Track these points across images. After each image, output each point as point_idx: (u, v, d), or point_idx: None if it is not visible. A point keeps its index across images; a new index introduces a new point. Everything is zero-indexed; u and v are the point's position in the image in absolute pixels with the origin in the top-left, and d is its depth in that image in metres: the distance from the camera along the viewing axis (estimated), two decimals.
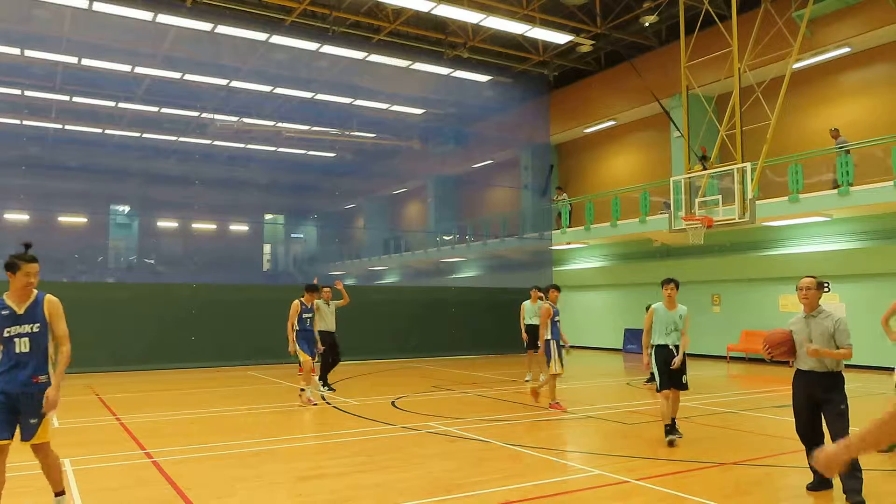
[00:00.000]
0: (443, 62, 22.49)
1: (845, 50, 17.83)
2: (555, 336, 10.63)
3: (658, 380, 8.05)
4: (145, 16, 17.89)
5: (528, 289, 14.89)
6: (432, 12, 18.40)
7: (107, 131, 25.55)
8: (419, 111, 26.41)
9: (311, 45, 20.85)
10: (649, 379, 13.02)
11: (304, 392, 11.16)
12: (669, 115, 18.97)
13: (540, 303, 14.66)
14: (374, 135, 28.58)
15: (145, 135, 25.84)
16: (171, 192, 25.71)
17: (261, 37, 20.02)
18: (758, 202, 15.62)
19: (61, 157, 24.34)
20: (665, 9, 19.53)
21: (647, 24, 20.34)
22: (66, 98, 23.52)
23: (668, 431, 7.96)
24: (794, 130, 18.90)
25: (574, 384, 14.51)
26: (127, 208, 30.24)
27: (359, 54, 21.69)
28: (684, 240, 17.18)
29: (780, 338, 6.00)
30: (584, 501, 5.85)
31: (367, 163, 30.86)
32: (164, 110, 24.97)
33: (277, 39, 20.06)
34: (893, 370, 9.78)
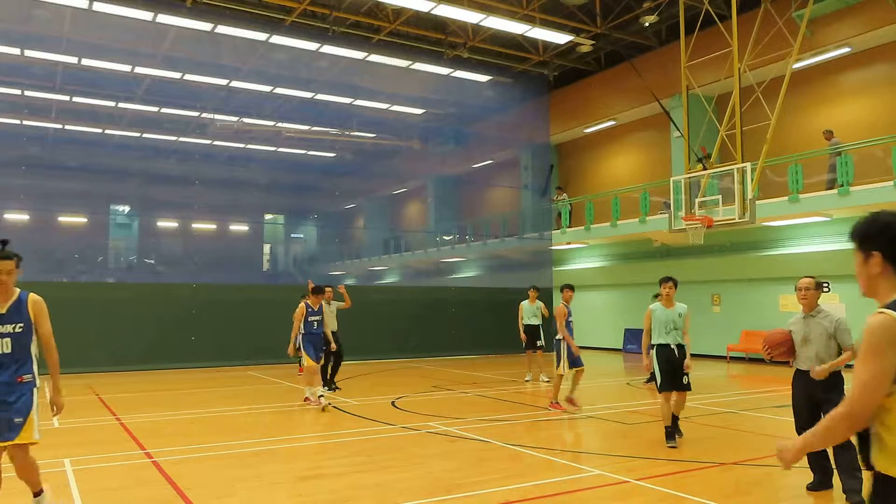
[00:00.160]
0: (443, 62, 22.48)
1: (845, 50, 17.82)
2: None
3: (658, 380, 8.00)
4: (145, 16, 17.89)
5: (527, 289, 14.90)
6: (432, 12, 18.39)
7: (107, 131, 25.55)
8: (419, 111, 26.40)
9: (311, 45, 20.84)
10: (649, 379, 12.98)
11: (312, 399, 10.94)
12: (669, 115, 18.97)
13: (538, 303, 14.70)
14: (374, 135, 28.57)
15: (145, 135, 25.83)
16: (171, 192, 25.69)
17: (261, 37, 20.01)
18: (758, 202, 15.62)
19: (61, 157, 24.33)
20: (665, 9, 19.51)
21: (647, 24, 20.32)
22: (66, 98, 23.51)
23: (669, 436, 7.91)
24: (794, 130, 18.89)
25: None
26: (127, 208, 30.24)
27: (359, 54, 21.68)
28: (684, 240, 17.18)
29: (780, 338, 6.01)
30: (584, 501, 5.85)
31: (367, 163, 30.85)
32: (164, 110, 24.96)
33: (277, 39, 20.05)
34: None
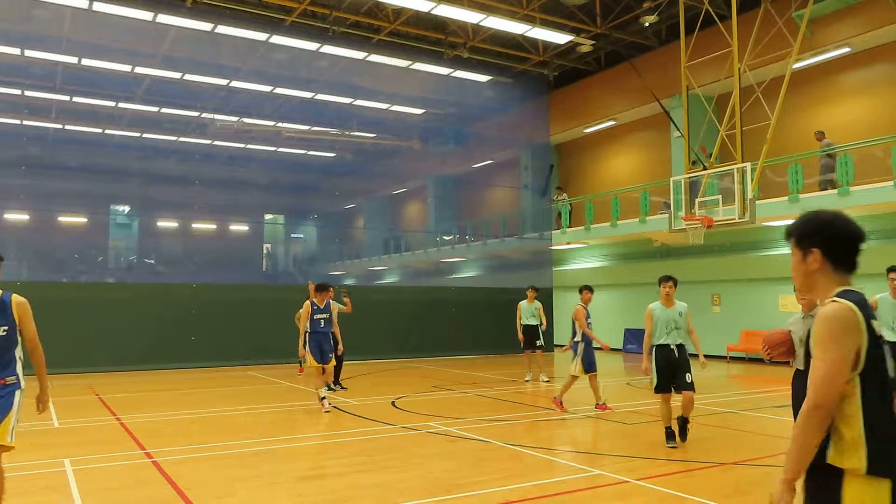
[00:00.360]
0: (443, 62, 22.47)
1: (845, 50, 17.81)
2: (584, 338, 10.55)
3: (655, 381, 7.93)
4: (145, 16, 17.89)
5: (526, 289, 14.89)
6: (432, 12, 18.39)
7: (107, 131, 25.54)
8: (419, 111, 26.39)
9: (311, 45, 20.84)
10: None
11: (324, 400, 10.56)
12: (669, 115, 18.97)
13: (537, 303, 14.69)
14: (374, 135, 28.56)
15: (145, 135, 25.82)
16: (171, 192, 25.69)
17: (261, 37, 20.01)
18: (758, 202, 15.62)
19: (61, 157, 24.32)
20: (665, 9, 19.51)
21: (647, 24, 20.32)
22: (66, 98, 23.50)
23: (669, 436, 7.89)
24: (794, 130, 18.88)
25: (574, 384, 14.50)
26: (127, 208, 30.24)
27: (359, 54, 21.67)
28: (684, 240, 17.17)
29: (779, 338, 6.00)
30: (584, 501, 5.85)
31: (367, 163, 30.85)
32: (164, 110, 24.96)
33: (277, 39, 20.05)
34: None
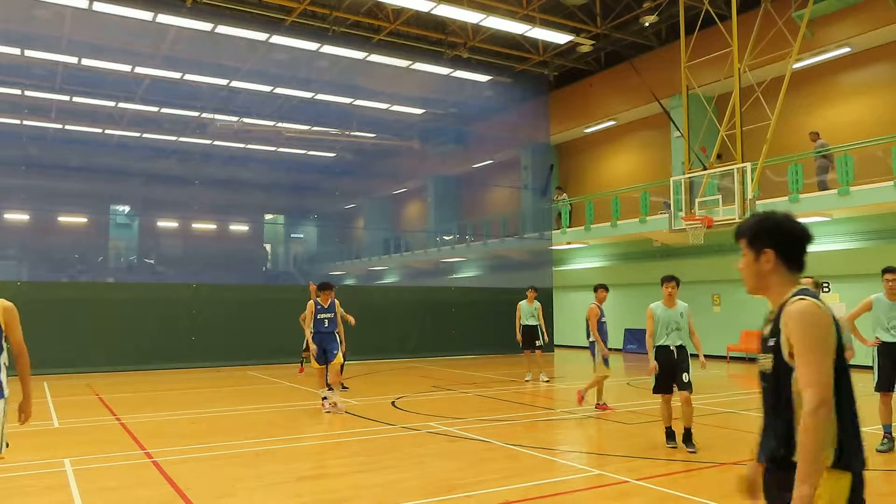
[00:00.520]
0: (443, 62, 22.47)
1: (845, 50, 17.81)
2: (602, 337, 10.58)
3: (655, 381, 7.93)
4: (145, 16, 17.88)
5: (526, 289, 14.88)
6: (432, 12, 18.39)
7: (107, 131, 25.55)
8: (419, 111, 26.39)
9: (311, 45, 20.83)
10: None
11: (327, 399, 10.51)
12: (669, 115, 18.97)
13: (536, 303, 14.68)
14: (374, 135, 28.56)
15: (145, 135, 25.83)
16: (171, 192, 25.70)
17: (261, 37, 20.00)
18: (758, 202, 15.61)
19: (61, 157, 24.31)
20: (665, 9, 19.51)
21: (647, 24, 20.32)
22: (66, 98, 23.51)
23: (669, 436, 7.89)
24: (794, 130, 18.88)
25: (574, 384, 14.50)
26: (127, 208, 30.26)
27: (359, 54, 21.66)
28: (684, 240, 17.17)
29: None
30: (584, 501, 5.85)
31: (367, 163, 30.85)
32: (164, 110, 24.96)
33: (277, 39, 20.04)
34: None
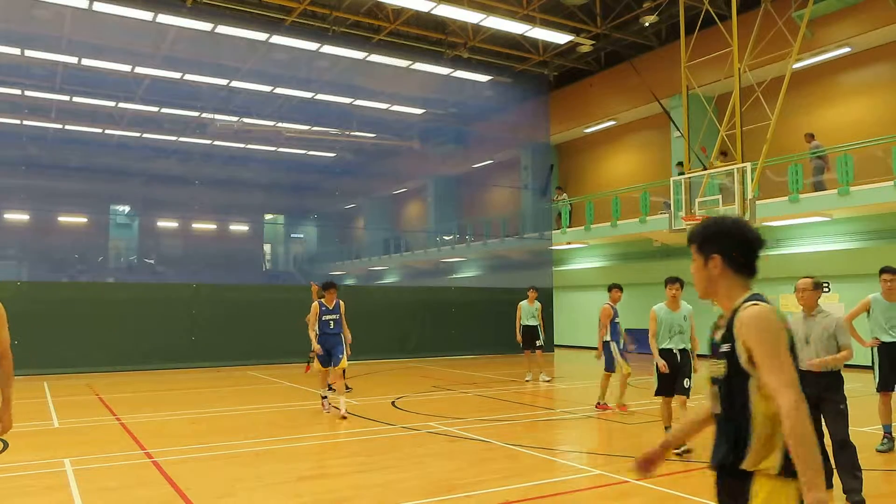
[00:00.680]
0: (443, 62, 22.46)
1: (845, 50, 17.81)
2: (614, 338, 10.53)
3: (657, 384, 7.93)
4: (145, 16, 17.88)
5: (526, 289, 14.87)
6: (432, 12, 18.38)
7: (107, 131, 25.55)
8: (419, 111, 26.39)
9: (311, 45, 20.82)
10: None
11: (326, 399, 10.52)
12: (669, 115, 18.96)
13: (537, 303, 14.68)
14: (374, 135, 28.56)
15: (145, 135, 25.84)
16: (171, 192, 25.71)
17: (261, 37, 20.00)
18: (758, 202, 15.61)
19: (61, 157, 24.33)
20: (665, 9, 19.51)
21: (647, 24, 20.31)
22: (66, 98, 23.52)
23: None
24: (794, 130, 18.86)
25: (574, 384, 14.52)
26: (127, 208, 30.28)
27: (359, 54, 21.65)
28: (684, 240, 17.11)
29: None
30: (584, 501, 5.85)
31: (367, 163, 30.87)
32: (164, 110, 24.97)
33: (277, 39, 20.04)
34: None
